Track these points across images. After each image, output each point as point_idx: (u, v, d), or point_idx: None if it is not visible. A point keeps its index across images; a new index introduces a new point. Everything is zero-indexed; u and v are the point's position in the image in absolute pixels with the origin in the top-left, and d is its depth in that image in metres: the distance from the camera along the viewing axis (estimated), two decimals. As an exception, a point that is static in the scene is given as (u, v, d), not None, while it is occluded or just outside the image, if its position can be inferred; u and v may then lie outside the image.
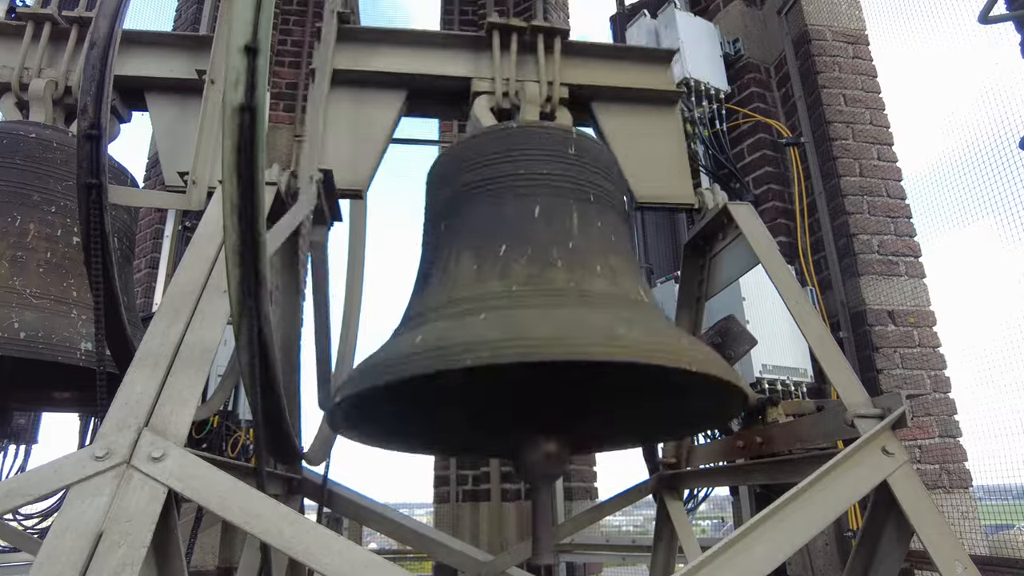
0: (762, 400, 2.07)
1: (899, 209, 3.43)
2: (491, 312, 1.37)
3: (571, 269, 1.49)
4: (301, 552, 1.06)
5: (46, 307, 1.71)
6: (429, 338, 1.32)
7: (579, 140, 1.80)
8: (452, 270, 1.57)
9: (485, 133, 1.85)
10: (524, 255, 1.50)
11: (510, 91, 2.12)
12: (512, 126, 1.86)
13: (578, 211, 1.63)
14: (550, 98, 2.13)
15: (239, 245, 1.07)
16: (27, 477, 1.13)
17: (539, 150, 1.73)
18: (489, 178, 1.67)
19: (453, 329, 1.35)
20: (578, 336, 1.26)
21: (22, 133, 1.92)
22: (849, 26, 3.83)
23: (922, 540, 1.34)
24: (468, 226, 1.63)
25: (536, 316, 1.34)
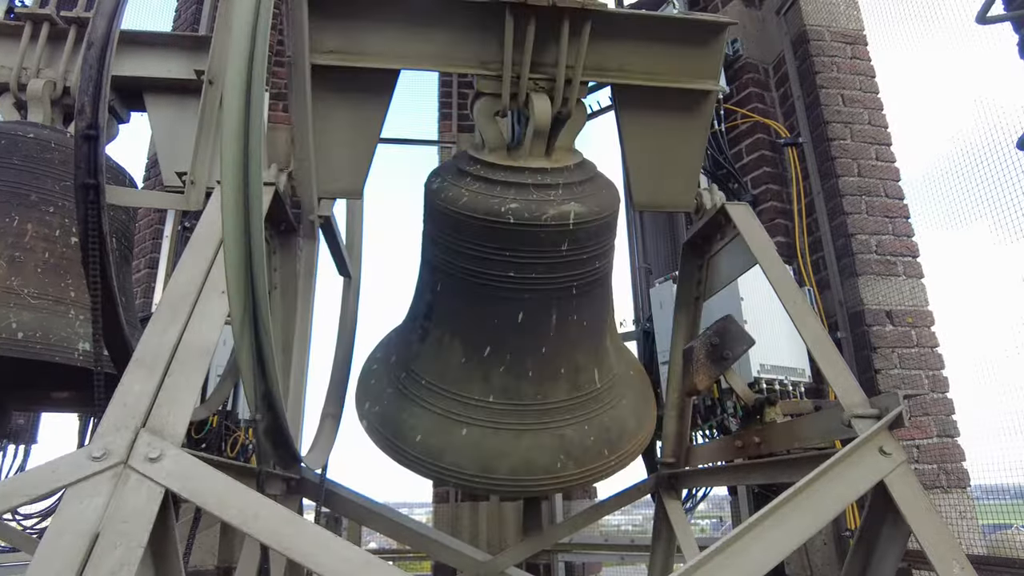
0: (760, 400, 2.07)
1: (897, 209, 3.43)
2: (471, 428, 1.89)
3: (538, 381, 1.92)
4: (298, 552, 1.06)
5: (44, 307, 1.71)
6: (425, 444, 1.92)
7: (575, 232, 1.80)
8: (446, 352, 1.96)
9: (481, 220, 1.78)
10: (503, 363, 1.90)
11: (519, 95, 1.82)
12: (509, 220, 1.77)
13: (558, 312, 1.89)
14: (566, 100, 1.83)
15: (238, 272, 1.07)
16: (24, 477, 1.13)
17: (534, 251, 1.80)
18: (484, 273, 1.85)
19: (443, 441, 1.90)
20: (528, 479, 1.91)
21: (20, 133, 1.93)
22: (847, 27, 3.83)
23: (919, 540, 1.34)
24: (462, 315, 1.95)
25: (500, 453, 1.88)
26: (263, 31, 1.11)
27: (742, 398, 2.11)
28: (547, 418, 1.94)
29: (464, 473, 1.86)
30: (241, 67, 1.16)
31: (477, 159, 1.91)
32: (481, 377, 1.92)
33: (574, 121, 1.93)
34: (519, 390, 1.92)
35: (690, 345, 2.16)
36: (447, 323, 1.99)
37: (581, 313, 1.96)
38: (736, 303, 3.09)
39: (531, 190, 1.83)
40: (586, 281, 1.93)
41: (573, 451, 1.94)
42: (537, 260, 1.81)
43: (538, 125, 1.82)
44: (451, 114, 5.41)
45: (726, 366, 2.06)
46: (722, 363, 2.06)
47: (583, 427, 1.99)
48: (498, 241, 1.78)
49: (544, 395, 1.94)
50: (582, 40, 1.78)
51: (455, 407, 1.93)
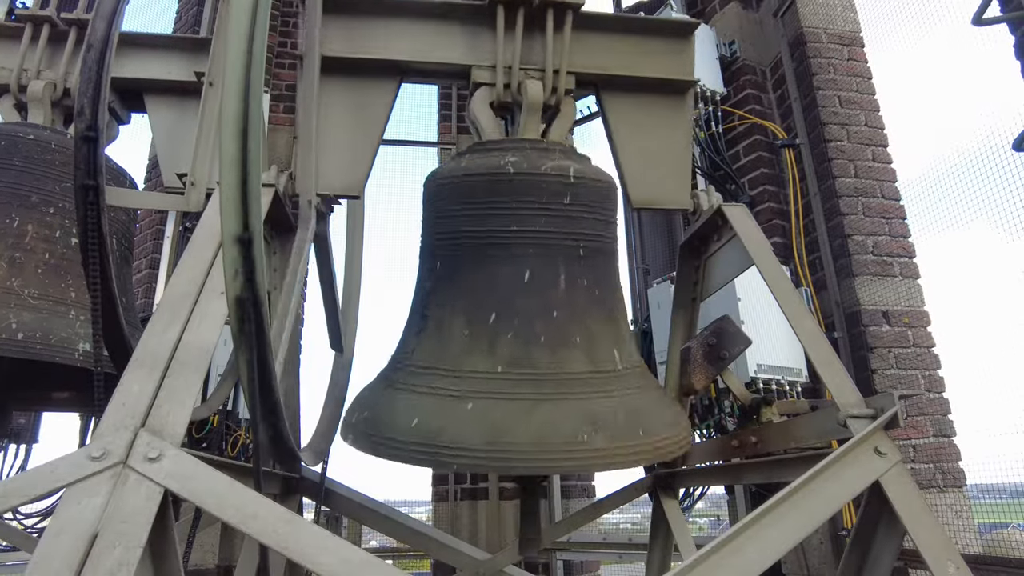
0: (757, 400, 2.08)
1: (894, 210, 3.44)
2: (477, 401, 1.57)
3: (551, 347, 1.65)
4: (297, 552, 1.07)
5: (44, 308, 1.72)
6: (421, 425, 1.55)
7: (576, 186, 1.77)
8: (446, 330, 1.72)
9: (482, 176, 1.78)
10: (511, 328, 1.65)
11: (512, 83, 1.96)
12: (509, 171, 1.77)
13: (566, 271, 1.72)
14: (555, 89, 1.98)
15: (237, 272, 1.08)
16: (24, 477, 1.14)
17: (535, 204, 1.73)
18: (485, 231, 1.73)
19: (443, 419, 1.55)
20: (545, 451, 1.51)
21: (20, 135, 1.93)
22: (844, 28, 3.84)
23: (914, 540, 1.35)
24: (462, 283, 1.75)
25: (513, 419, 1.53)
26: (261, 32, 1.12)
27: (739, 398, 2.12)
28: (566, 388, 1.62)
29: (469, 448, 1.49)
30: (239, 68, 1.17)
31: (475, 144, 1.95)
32: (487, 348, 1.64)
33: (564, 115, 2.00)
34: (531, 358, 1.63)
35: (687, 345, 2.17)
36: (448, 299, 1.76)
37: (591, 280, 1.76)
38: (733, 303, 3.10)
39: (529, 151, 1.86)
40: (592, 247, 1.79)
41: (601, 423, 1.57)
42: (539, 211, 1.73)
43: (531, 102, 1.94)
44: (451, 116, 5.42)
45: (723, 366, 2.08)
46: (719, 363, 2.07)
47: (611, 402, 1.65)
48: (498, 194, 1.74)
49: (560, 364, 1.64)
50: (565, 32, 1.98)
51: (457, 384, 1.62)
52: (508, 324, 1.65)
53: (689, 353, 2.12)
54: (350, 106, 1.98)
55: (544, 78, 1.97)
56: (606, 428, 1.56)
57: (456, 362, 1.65)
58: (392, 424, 1.59)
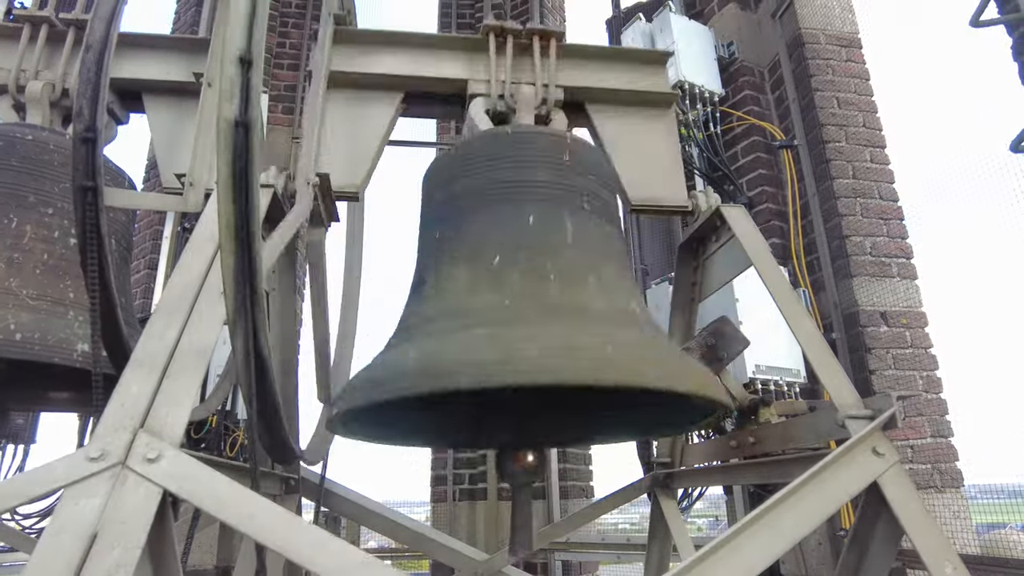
0: (755, 400, 2.09)
1: (892, 211, 3.45)
2: (484, 328, 1.38)
3: (563, 282, 1.49)
4: (295, 553, 1.07)
5: (43, 308, 1.72)
6: (422, 355, 1.35)
7: (574, 145, 1.77)
8: (446, 280, 1.58)
9: (479, 138, 1.84)
10: (517, 267, 1.50)
11: (506, 93, 2.10)
12: (507, 131, 1.84)
13: (572, 220, 1.60)
14: (545, 100, 2.10)
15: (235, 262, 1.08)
16: (22, 478, 1.14)
17: (534, 156, 1.70)
18: (484, 185, 1.66)
19: (446, 346, 1.37)
20: (568, 360, 1.27)
21: (19, 135, 1.93)
22: (842, 30, 3.85)
23: (912, 541, 1.35)
24: (462, 234, 1.63)
25: (527, 335, 1.34)
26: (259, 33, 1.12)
27: (737, 398, 2.12)
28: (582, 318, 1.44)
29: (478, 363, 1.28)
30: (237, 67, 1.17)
31: None
32: (491, 286, 1.48)
33: (556, 124, 2.08)
34: (541, 291, 1.46)
35: (686, 346, 2.17)
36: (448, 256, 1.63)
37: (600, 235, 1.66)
38: (731, 304, 3.11)
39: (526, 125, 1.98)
40: (596, 206, 1.70)
41: (627, 339, 1.41)
42: (539, 163, 1.69)
43: (525, 101, 2.06)
44: (449, 115, 5.42)
45: (722, 367, 2.08)
46: (718, 364, 2.07)
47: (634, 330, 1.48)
48: (499, 150, 1.73)
49: (571, 297, 1.47)
50: (551, 55, 2.17)
51: (460, 318, 1.45)
52: (514, 263, 1.51)
53: (687, 354, 2.12)
54: (353, 114, 2.11)
55: (535, 88, 2.11)
56: (631, 347, 1.38)
57: (458, 303, 1.50)
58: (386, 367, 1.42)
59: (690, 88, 3.85)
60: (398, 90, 2.17)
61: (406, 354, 1.38)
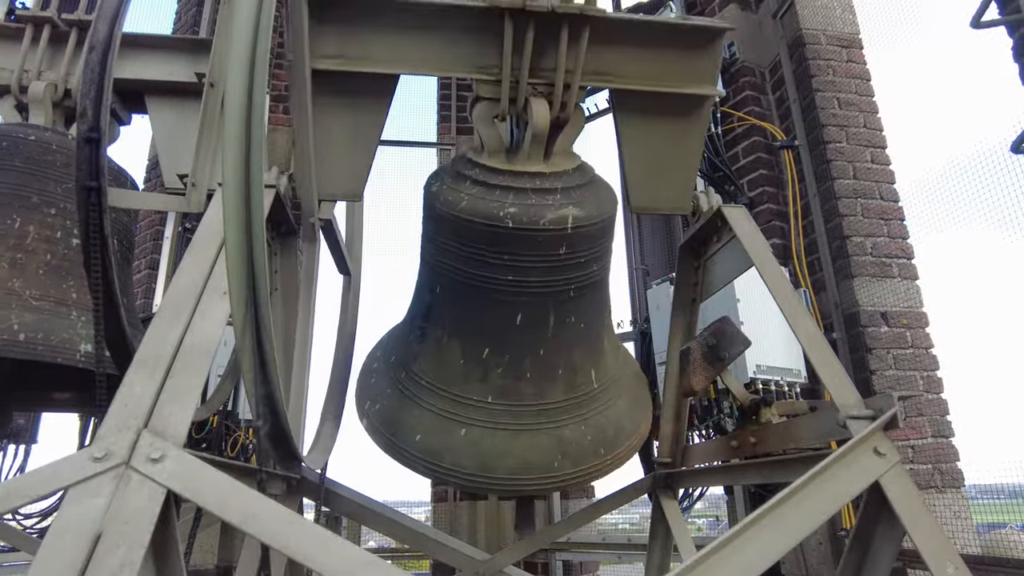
0: (756, 401, 2.09)
1: (892, 211, 3.45)
2: (470, 428, 1.93)
3: (536, 382, 1.96)
4: (298, 552, 1.07)
5: (46, 309, 1.72)
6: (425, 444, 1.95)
7: (573, 236, 1.81)
8: (445, 354, 1.99)
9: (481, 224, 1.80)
10: (502, 363, 1.93)
11: (518, 99, 1.82)
12: (508, 224, 1.77)
13: (555, 313, 1.91)
14: (565, 104, 1.84)
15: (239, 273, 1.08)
16: (26, 478, 1.14)
17: (532, 256, 1.82)
18: (483, 276, 1.86)
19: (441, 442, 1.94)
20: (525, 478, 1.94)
21: (21, 135, 1.93)
22: (843, 30, 3.85)
23: (913, 540, 1.35)
24: (461, 317, 1.98)
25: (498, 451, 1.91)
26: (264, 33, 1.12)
27: (738, 399, 2.12)
28: (544, 418, 1.98)
29: (463, 473, 1.90)
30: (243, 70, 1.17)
31: (476, 163, 1.91)
32: (480, 378, 1.96)
33: (572, 125, 1.93)
34: (517, 390, 1.96)
35: (687, 346, 2.17)
36: (445, 324, 2.02)
37: (579, 315, 1.99)
38: (733, 304, 3.11)
39: (529, 195, 1.83)
40: (583, 284, 1.95)
41: (569, 451, 1.97)
42: (535, 264, 1.83)
43: (537, 129, 1.82)
44: (450, 116, 5.43)
45: (723, 367, 2.08)
46: (719, 364, 2.07)
47: (580, 427, 2.02)
48: (496, 245, 1.80)
49: (541, 395, 1.98)
50: (580, 45, 1.78)
51: (454, 407, 1.97)
52: (499, 359, 1.93)
53: (689, 354, 2.12)
54: (345, 116, 1.86)
55: (552, 94, 1.82)
56: (573, 455, 1.96)
57: (454, 387, 1.97)
58: (401, 433, 1.98)
59: (691, 88, 3.84)
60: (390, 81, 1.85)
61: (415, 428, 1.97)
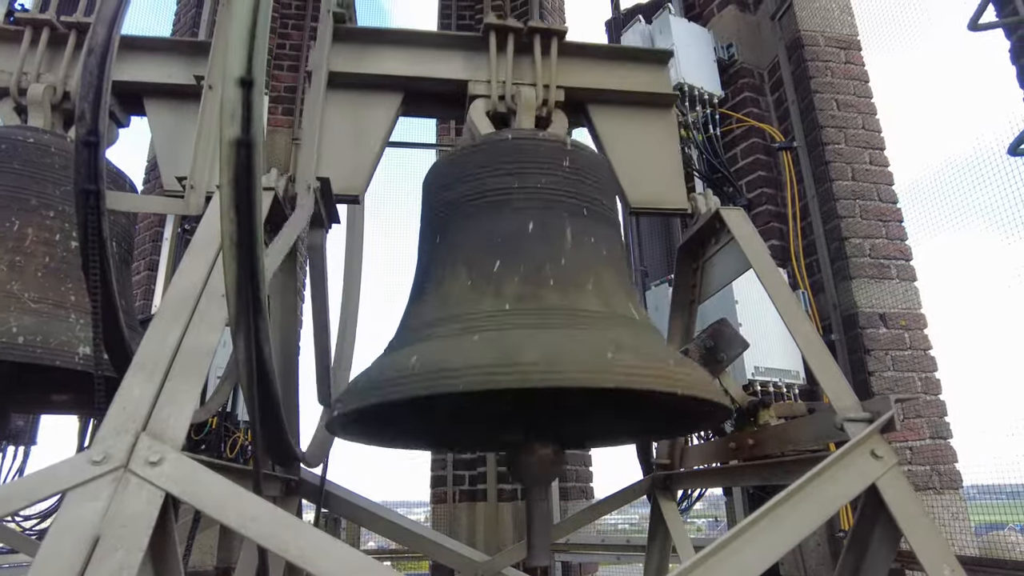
0: (754, 402, 2.09)
1: (890, 213, 3.46)
2: (484, 333, 1.40)
3: (562, 288, 1.52)
4: (297, 555, 1.07)
5: (44, 311, 1.72)
6: (424, 359, 1.37)
7: (574, 152, 1.79)
8: (447, 284, 1.60)
9: (480, 144, 1.84)
10: (517, 273, 1.53)
11: (506, 95, 2.09)
12: (508, 137, 1.85)
13: (571, 225, 1.64)
14: (546, 101, 2.09)
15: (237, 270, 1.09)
16: (25, 481, 1.14)
17: (534, 162, 1.72)
18: (485, 191, 1.69)
19: (447, 350, 1.39)
20: (568, 362, 1.30)
21: (20, 138, 1.93)
22: (842, 32, 3.86)
23: (910, 543, 1.36)
24: (463, 239, 1.66)
25: (527, 339, 1.36)
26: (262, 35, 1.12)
27: (736, 400, 2.13)
28: (583, 322, 1.48)
29: (478, 366, 1.31)
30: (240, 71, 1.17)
31: None
32: (493, 292, 1.51)
33: (556, 125, 2.08)
34: (540, 296, 1.49)
35: (685, 348, 2.18)
36: (449, 260, 1.65)
37: (599, 240, 1.69)
38: (731, 306, 3.12)
39: (526, 130, 1.97)
40: (596, 209, 1.74)
41: (627, 342, 1.41)
42: (539, 170, 1.72)
43: (525, 103, 2.04)
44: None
45: (721, 369, 2.09)
46: (717, 366, 2.08)
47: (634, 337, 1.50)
48: (499, 156, 1.75)
49: (572, 303, 1.50)
50: (552, 55, 2.14)
51: (463, 323, 1.48)
52: (514, 269, 1.53)
53: (687, 356, 2.13)
54: (353, 115, 2.10)
55: (536, 89, 2.08)
56: (633, 349, 1.39)
57: (459, 308, 1.52)
58: (388, 369, 1.42)
59: (689, 90, 3.86)
60: (398, 91, 2.16)
61: (407, 357, 1.39)
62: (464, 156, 1.82)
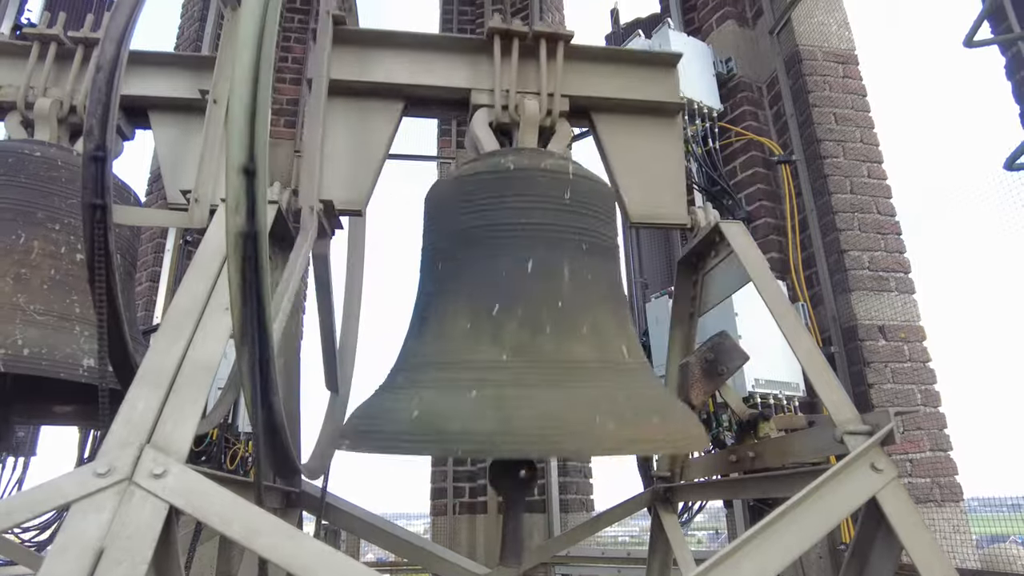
0: (755, 415, 2.10)
1: (889, 226, 3.48)
2: (483, 390, 1.48)
3: (557, 335, 1.59)
4: (300, 568, 1.08)
5: (49, 323, 1.73)
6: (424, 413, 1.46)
7: (576, 182, 1.79)
8: (447, 325, 1.66)
9: (482, 173, 1.82)
10: (515, 318, 1.59)
11: (510, 105, 2.06)
12: (510, 167, 1.80)
13: (570, 264, 1.68)
14: (550, 111, 2.07)
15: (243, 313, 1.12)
16: (29, 493, 1.15)
17: (536, 197, 1.73)
18: (485, 225, 1.71)
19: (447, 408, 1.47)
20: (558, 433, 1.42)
21: (27, 152, 1.95)
22: (839, 46, 3.90)
23: (911, 556, 1.36)
24: (464, 277, 1.71)
25: (522, 405, 1.45)
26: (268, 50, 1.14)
27: (737, 413, 2.13)
28: (575, 376, 1.56)
29: (477, 435, 1.40)
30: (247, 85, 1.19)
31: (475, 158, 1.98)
32: (491, 338, 1.58)
33: (560, 135, 2.07)
34: (537, 347, 1.56)
35: (685, 360, 2.19)
36: (450, 297, 1.71)
37: (596, 276, 1.73)
38: (731, 318, 3.13)
39: (528, 153, 1.93)
40: (595, 242, 1.78)
41: (613, 408, 1.49)
42: (539, 205, 1.73)
43: (528, 118, 2.01)
44: (450, 130, 5.48)
45: (721, 381, 2.09)
46: (717, 378, 2.08)
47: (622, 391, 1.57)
48: (500, 189, 1.75)
49: (566, 353, 1.57)
50: (557, 61, 2.09)
51: (460, 373, 1.54)
52: (512, 314, 1.59)
53: (687, 368, 2.14)
54: (355, 126, 2.07)
55: (540, 100, 2.05)
56: (619, 413, 1.48)
57: (459, 353, 1.59)
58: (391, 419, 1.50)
59: (689, 104, 3.89)
60: (400, 99, 2.13)
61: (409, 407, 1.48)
62: (465, 185, 1.82)
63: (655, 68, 2.24)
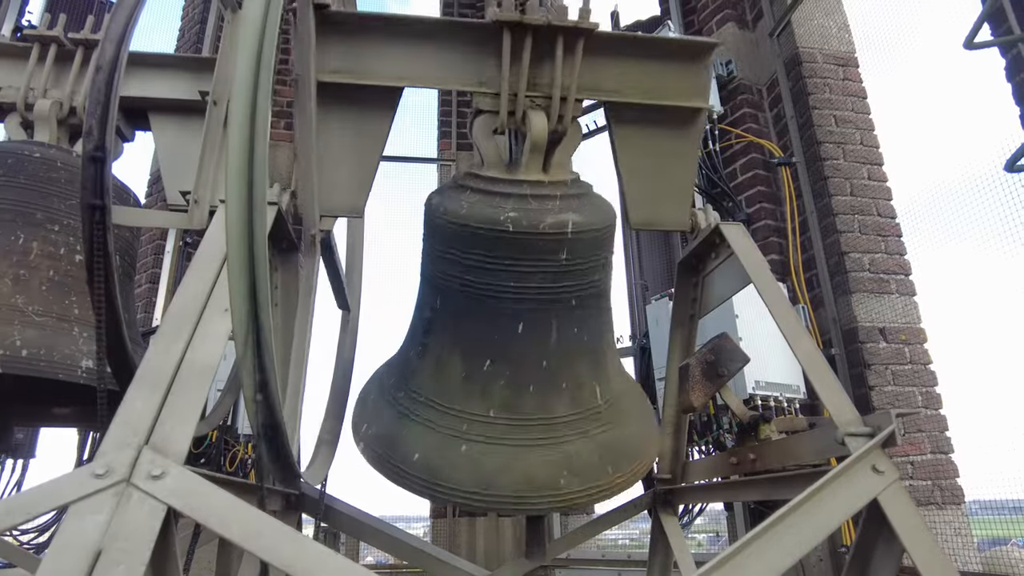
0: (755, 417, 2.09)
1: (889, 228, 3.48)
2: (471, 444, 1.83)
3: (540, 394, 1.88)
4: (299, 570, 1.07)
5: (48, 325, 1.73)
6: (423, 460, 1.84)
7: (573, 241, 1.80)
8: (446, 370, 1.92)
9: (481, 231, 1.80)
10: (503, 376, 1.86)
11: (516, 112, 1.88)
12: (508, 228, 1.78)
13: (557, 322, 1.87)
14: (562, 117, 1.89)
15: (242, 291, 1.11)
16: (28, 494, 1.14)
17: (533, 261, 1.80)
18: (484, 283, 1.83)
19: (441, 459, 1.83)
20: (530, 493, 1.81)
21: (27, 153, 1.95)
22: (839, 49, 3.91)
23: (912, 558, 1.35)
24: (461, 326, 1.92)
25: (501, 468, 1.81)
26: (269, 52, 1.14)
27: (737, 415, 2.13)
28: (549, 434, 1.88)
29: (463, 490, 1.80)
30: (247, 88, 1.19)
31: (476, 175, 1.94)
32: (481, 392, 1.88)
33: (569, 139, 1.98)
34: (520, 405, 1.87)
35: (686, 362, 2.18)
36: (446, 338, 1.95)
37: (582, 328, 1.94)
38: (731, 321, 3.12)
39: (529, 200, 1.84)
40: (586, 294, 1.90)
41: (576, 467, 1.87)
42: (536, 269, 1.80)
43: (535, 140, 1.87)
44: (450, 132, 5.47)
45: (722, 383, 2.08)
46: (718, 380, 2.08)
47: (586, 444, 1.92)
48: (497, 250, 1.79)
49: (545, 410, 1.89)
50: (576, 59, 1.86)
51: (454, 423, 1.86)
52: (501, 372, 1.85)
53: (687, 370, 2.13)
54: (348, 131, 1.93)
55: (550, 107, 1.89)
56: (580, 472, 1.84)
57: (453, 401, 1.88)
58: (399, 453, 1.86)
59: (689, 105, 3.88)
60: (394, 95, 1.93)
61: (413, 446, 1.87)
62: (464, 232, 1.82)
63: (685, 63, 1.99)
